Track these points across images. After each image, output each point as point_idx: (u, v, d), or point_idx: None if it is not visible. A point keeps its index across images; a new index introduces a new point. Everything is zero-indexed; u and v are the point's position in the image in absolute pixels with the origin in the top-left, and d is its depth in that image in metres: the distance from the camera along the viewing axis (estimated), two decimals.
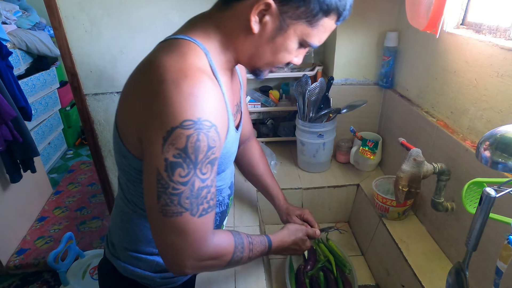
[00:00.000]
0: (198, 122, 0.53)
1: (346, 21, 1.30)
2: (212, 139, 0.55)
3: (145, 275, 0.78)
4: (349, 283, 1.02)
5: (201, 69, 0.57)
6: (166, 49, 0.59)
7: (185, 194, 0.55)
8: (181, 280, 0.83)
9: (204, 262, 0.62)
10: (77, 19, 1.35)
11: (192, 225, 0.57)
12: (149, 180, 0.56)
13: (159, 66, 0.56)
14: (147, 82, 0.56)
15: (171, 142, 0.53)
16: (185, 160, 0.54)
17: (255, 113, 1.57)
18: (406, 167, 0.85)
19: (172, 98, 0.52)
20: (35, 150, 1.96)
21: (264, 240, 0.77)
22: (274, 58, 0.64)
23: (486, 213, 0.52)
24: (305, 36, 0.61)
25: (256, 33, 0.60)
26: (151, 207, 0.57)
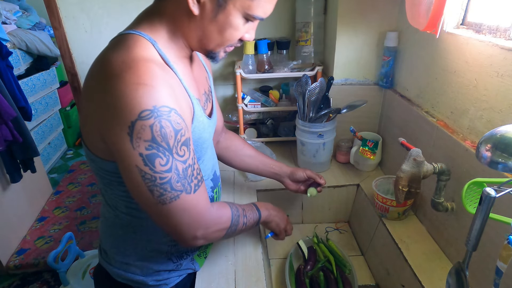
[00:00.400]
0: (155, 110, 0.53)
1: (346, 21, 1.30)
2: (176, 122, 0.56)
3: (137, 279, 0.78)
4: (349, 283, 1.02)
5: (147, 58, 0.57)
6: (112, 46, 0.61)
7: (173, 179, 0.57)
8: (173, 282, 0.83)
9: (211, 229, 0.67)
10: (77, 19, 1.35)
11: (191, 202, 0.60)
12: (134, 179, 0.56)
13: (103, 63, 0.57)
14: (95, 81, 0.58)
15: (137, 136, 0.53)
16: (158, 149, 0.55)
17: (255, 113, 1.57)
18: (406, 167, 0.85)
19: (122, 92, 0.52)
20: (35, 150, 1.96)
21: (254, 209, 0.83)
22: (222, 38, 0.63)
23: (486, 213, 0.52)
24: (246, 9, 0.60)
25: (197, 15, 0.60)
26: (147, 202, 0.58)
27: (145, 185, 0.56)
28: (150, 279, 0.79)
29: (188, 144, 0.60)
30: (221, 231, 0.71)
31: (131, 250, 0.76)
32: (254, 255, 0.94)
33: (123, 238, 0.76)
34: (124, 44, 0.59)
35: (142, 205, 0.60)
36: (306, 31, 1.41)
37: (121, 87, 0.53)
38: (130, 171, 0.56)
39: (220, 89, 1.66)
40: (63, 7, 1.33)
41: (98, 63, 0.59)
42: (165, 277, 0.81)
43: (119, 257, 0.78)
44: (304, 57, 1.46)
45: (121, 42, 0.60)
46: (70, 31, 1.36)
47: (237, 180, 1.29)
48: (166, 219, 0.61)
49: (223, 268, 0.89)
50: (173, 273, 0.82)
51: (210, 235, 0.68)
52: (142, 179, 0.56)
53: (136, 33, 0.61)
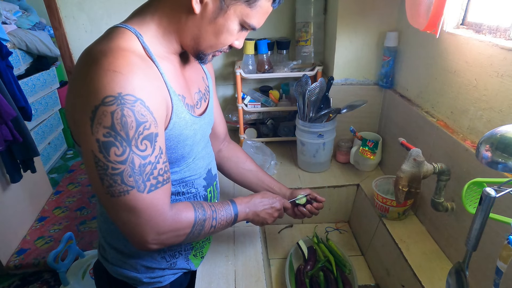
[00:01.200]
0: (119, 97, 0.53)
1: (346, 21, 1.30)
2: (140, 113, 0.55)
3: (131, 275, 0.79)
4: (349, 283, 1.02)
5: (125, 48, 0.58)
6: (98, 39, 0.61)
7: (126, 172, 0.55)
8: (168, 280, 0.83)
9: (165, 235, 0.63)
10: (77, 19, 1.35)
11: (142, 202, 0.57)
12: (89, 165, 0.56)
13: (86, 52, 0.58)
14: (76, 69, 0.59)
15: (97, 121, 0.53)
16: (116, 138, 0.54)
17: (255, 113, 1.57)
18: (406, 167, 0.85)
19: (92, 76, 0.53)
20: (35, 150, 1.96)
21: (230, 211, 0.77)
22: (216, 40, 0.65)
23: (486, 213, 0.52)
24: (244, 17, 0.62)
25: (198, 13, 0.61)
26: (98, 190, 0.57)
27: (97, 172, 0.55)
28: (144, 276, 0.79)
29: (152, 139, 0.57)
30: (179, 237, 0.67)
31: (123, 247, 0.77)
32: (254, 255, 0.94)
33: (117, 234, 0.76)
34: (108, 36, 0.60)
35: (96, 194, 0.59)
36: (306, 31, 1.41)
37: (94, 72, 0.53)
38: (87, 156, 0.56)
39: (220, 89, 1.66)
40: (63, 7, 1.33)
41: (81, 55, 0.60)
42: (159, 274, 0.81)
43: (114, 253, 0.78)
44: (304, 57, 1.46)
45: (107, 35, 0.61)
46: (70, 31, 1.36)
47: None
48: (114, 214, 0.58)
49: (223, 268, 0.89)
50: (167, 271, 0.82)
51: (165, 241, 0.65)
52: (95, 166, 0.55)
53: (123, 26, 0.62)
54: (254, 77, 1.42)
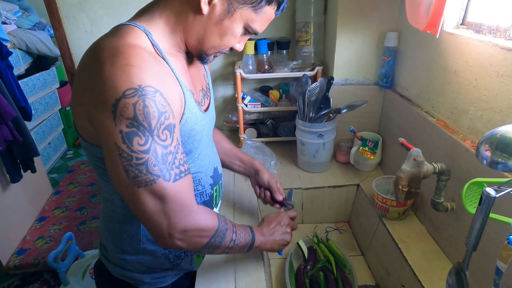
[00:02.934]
0: (140, 89, 0.54)
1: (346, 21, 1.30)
2: (161, 104, 0.56)
3: (133, 276, 0.79)
4: (349, 283, 1.02)
5: (138, 46, 0.58)
6: (105, 35, 0.62)
7: (150, 161, 0.56)
8: (170, 280, 0.83)
9: (191, 232, 0.63)
10: (77, 19, 1.35)
11: (169, 190, 0.57)
12: (112, 157, 0.56)
13: (95, 48, 0.58)
14: (85, 66, 0.59)
15: (120, 114, 0.54)
16: (139, 128, 0.54)
17: (255, 113, 1.57)
18: (406, 167, 0.85)
19: (110, 72, 0.54)
20: (35, 150, 1.96)
21: (248, 231, 0.76)
22: (220, 41, 0.66)
23: (486, 213, 0.52)
24: (249, 21, 0.64)
25: (205, 14, 0.62)
26: (122, 184, 0.57)
27: (121, 164, 0.55)
28: (146, 276, 0.79)
29: (171, 130, 0.58)
30: (203, 238, 0.65)
31: (127, 246, 0.77)
32: (254, 255, 0.94)
33: (120, 233, 0.76)
34: (117, 33, 0.61)
35: (118, 188, 0.59)
36: (306, 31, 1.41)
37: (110, 69, 0.54)
38: (109, 149, 0.56)
39: (220, 89, 1.66)
40: (63, 7, 1.33)
41: (90, 50, 0.60)
42: (161, 275, 0.81)
43: (116, 253, 0.78)
44: (304, 57, 1.46)
45: (115, 32, 0.61)
46: (70, 31, 1.36)
47: (237, 180, 1.29)
48: (140, 206, 0.58)
49: (223, 268, 0.89)
50: (169, 271, 0.82)
51: (190, 239, 0.63)
52: (119, 157, 0.55)
53: (132, 24, 0.63)
54: (254, 77, 1.42)
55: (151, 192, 0.57)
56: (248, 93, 1.50)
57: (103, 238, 0.82)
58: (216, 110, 1.71)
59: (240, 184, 1.26)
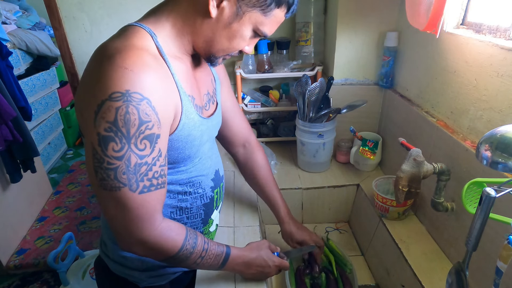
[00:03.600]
0: (127, 94, 0.53)
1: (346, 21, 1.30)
2: (144, 112, 0.55)
3: (133, 273, 0.79)
4: (349, 283, 1.02)
5: (139, 47, 0.58)
6: (112, 37, 0.62)
7: (121, 169, 0.55)
8: (169, 278, 0.83)
9: (151, 245, 0.62)
10: (77, 19, 1.35)
11: (132, 201, 0.57)
12: (87, 154, 0.57)
13: (100, 48, 0.59)
14: (89, 64, 0.59)
15: (101, 116, 0.54)
16: (116, 134, 0.54)
17: (255, 113, 1.57)
18: (406, 167, 0.85)
19: (104, 72, 0.54)
20: (35, 150, 1.96)
21: (222, 247, 0.74)
22: (229, 44, 0.66)
23: (486, 213, 0.52)
24: (258, 24, 0.64)
25: (214, 17, 0.62)
26: (92, 181, 0.58)
27: (92, 163, 0.56)
28: (145, 273, 0.80)
29: (152, 140, 0.57)
30: (160, 255, 0.65)
31: None
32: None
33: None
34: (124, 34, 0.61)
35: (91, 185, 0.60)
36: (306, 31, 1.41)
37: (106, 68, 0.54)
38: (87, 147, 0.57)
39: None
40: (63, 7, 1.32)
41: (96, 51, 0.61)
42: (160, 273, 0.81)
43: (117, 250, 0.78)
44: (304, 57, 1.46)
45: (122, 33, 0.62)
46: (70, 31, 1.36)
47: (237, 180, 1.29)
48: (105, 207, 0.58)
49: None
50: (168, 269, 0.82)
51: (149, 250, 0.63)
52: (92, 157, 0.56)
53: (138, 25, 0.63)
54: (254, 77, 1.42)
55: (114, 198, 0.57)
56: (248, 93, 1.50)
57: (104, 235, 0.82)
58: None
59: (240, 184, 1.26)
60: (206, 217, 0.83)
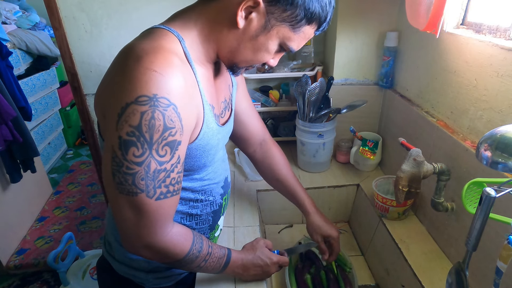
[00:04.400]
0: (154, 99, 0.52)
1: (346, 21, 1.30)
2: (170, 118, 0.54)
3: (139, 274, 0.79)
4: (349, 282, 1.02)
5: (170, 50, 0.57)
6: (139, 37, 0.61)
7: (139, 174, 0.54)
8: (175, 279, 0.83)
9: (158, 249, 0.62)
10: (77, 19, 1.35)
11: (147, 206, 0.57)
12: (106, 156, 0.56)
13: (127, 48, 0.57)
14: (115, 65, 0.58)
15: (125, 119, 0.52)
16: (139, 139, 0.53)
17: None
18: (406, 167, 0.85)
19: (131, 73, 0.52)
20: (35, 150, 1.96)
21: (224, 250, 0.75)
22: (253, 56, 0.64)
23: (486, 213, 0.52)
24: (286, 39, 0.62)
25: (241, 28, 0.60)
26: (107, 182, 0.57)
27: (111, 167, 0.55)
28: (151, 275, 0.79)
29: (174, 147, 0.57)
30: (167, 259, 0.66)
31: None
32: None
33: None
34: (151, 35, 0.60)
35: (105, 185, 0.59)
36: None
37: (133, 69, 0.53)
38: (107, 148, 0.56)
39: None
40: (63, 7, 1.32)
41: (122, 51, 0.59)
42: (166, 274, 0.81)
43: (122, 251, 0.78)
44: (304, 57, 1.46)
45: (149, 34, 0.60)
46: (70, 31, 1.36)
47: (237, 180, 1.29)
48: (117, 209, 0.58)
49: None
50: (174, 270, 0.82)
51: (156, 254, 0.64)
52: (111, 160, 0.55)
53: (166, 28, 0.62)
54: (254, 77, 1.42)
55: (130, 202, 0.56)
56: (248, 93, 1.49)
57: (109, 235, 0.81)
58: None
59: (240, 184, 1.26)
60: (213, 223, 0.83)
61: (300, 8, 0.58)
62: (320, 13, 0.60)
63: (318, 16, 0.61)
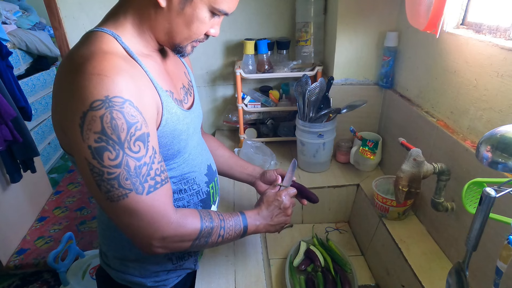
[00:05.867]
0: (107, 100, 0.52)
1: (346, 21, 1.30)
2: (130, 114, 0.54)
3: (135, 280, 0.78)
4: (349, 283, 1.02)
5: (107, 51, 0.57)
6: (76, 45, 0.61)
7: (122, 175, 0.54)
8: (172, 283, 0.83)
9: (171, 239, 0.62)
10: (77, 19, 1.35)
11: (142, 204, 0.57)
12: (84, 172, 0.56)
13: (67, 58, 0.58)
14: (59, 76, 0.58)
15: (87, 128, 0.52)
16: (108, 143, 0.53)
17: (255, 113, 1.57)
18: (406, 167, 0.85)
19: (78, 83, 0.52)
20: (35, 150, 1.96)
21: (239, 221, 0.75)
22: (189, 31, 0.64)
23: (486, 213, 0.52)
24: (212, 3, 0.61)
25: (165, 7, 0.60)
26: (96, 196, 0.57)
27: (93, 179, 0.55)
28: (148, 280, 0.79)
29: (145, 140, 0.57)
30: (185, 242, 0.66)
31: (128, 252, 0.76)
32: (254, 255, 0.94)
33: (119, 240, 0.76)
34: (87, 41, 0.60)
35: (95, 200, 0.59)
36: (306, 31, 1.41)
37: (79, 79, 0.52)
38: (81, 164, 0.55)
39: (220, 89, 1.66)
40: (63, 7, 1.32)
41: (62, 63, 0.60)
42: (163, 278, 0.81)
43: (117, 259, 0.78)
44: (304, 57, 1.46)
45: (85, 40, 0.61)
46: (70, 31, 1.36)
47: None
48: (116, 218, 0.58)
49: (223, 268, 0.89)
50: (171, 273, 0.82)
51: (170, 245, 0.64)
52: (90, 173, 0.54)
53: (99, 30, 0.62)
54: (254, 77, 1.42)
55: (124, 206, 0.56)
56: (248, 93, 1.50)
57: (102, 246, 0.81)
58: (216, 110, 1.71)
59: (240, 184, 1.26)
60: None
61: None
62: None
63: None
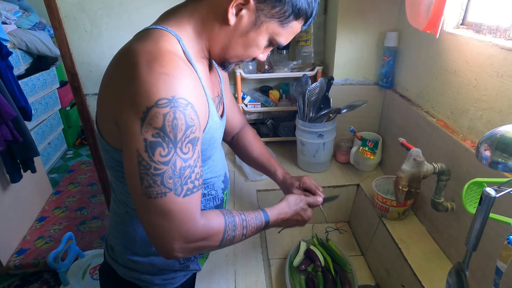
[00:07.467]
0: (173, 100, 0.54)
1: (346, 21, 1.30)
2: (190, 117, 0.56)
3: (143, 277, 0.79)
4: (349, 283, 1.02)
5: (173, 52, 0.59)
6: (138, 38, 0.62)
7: (167, 173, 0.56)
8: (180, 281, 0.83)
9: (194, 244, 0.63)
10: (77, 19, 1.35)
11: (177, 205, 0.58)
12: (130, 163, 0.56)
13: (130, 52, 0.58)
14: (121, 69, 0.59)
15: (148, 122, 0.54)
16: (164, 139, 0.54)
17: (255, 113, 1.57)
18: (406, 167, 0.85)
19: (145, 79, 0.54)
20: (35, 150, 1.96)
21: (260, 216, 0.76)
22: (244, 52, 0.67)
23: (486, 213, 0.52)
24: (275, 35, 0.65)
25: (232, 25, 0.62)
26: (134, 190, 0.58)
27: (138, 171, 0.55)
28: (156, 278, 0.79)
29: (194, 143, 0.58)
30: (206, 248, 0.66)
31: (138, 248, 0.76)
32: (254, 255, 0.94)
33: (132, 235, 0.76)
34: (150, 37, 0.60)
35: (130, 192, 0.59)
36: (306, 31, 1.41)
37: (146, 75, 0.54)
38: (130, 154, 0.56)
39: None
40: (63, 7, 1.32)
41: (122, 54, 0.60)
42: (171, 276, 0.81)
43: (126, 255, 0.78)
44: (304, 57, 1.46)
45: (147, 35, 0.61)
46: (70, 31, 1.36)
47: (237, 180, 1.29)
48: (147, 216, 0.58)
49: (223, 268, 0.89)
50: (179, 272, 0.82)
51: (191, 250, 0.64)
52: (137, 164, 0.55)
53: (163, 28, 0.63)
54: (254, 77, 1.42)
55: (160, 205, 0.57)
56: (248, 93, 1.50)
57: (111, 239, 0.81)
58: None
59: (240, 184, 1.26)
60: None
61: (288, 5, 0.61)
62: (306, 9, 0.64)
63: (305, 11, 0.64)
